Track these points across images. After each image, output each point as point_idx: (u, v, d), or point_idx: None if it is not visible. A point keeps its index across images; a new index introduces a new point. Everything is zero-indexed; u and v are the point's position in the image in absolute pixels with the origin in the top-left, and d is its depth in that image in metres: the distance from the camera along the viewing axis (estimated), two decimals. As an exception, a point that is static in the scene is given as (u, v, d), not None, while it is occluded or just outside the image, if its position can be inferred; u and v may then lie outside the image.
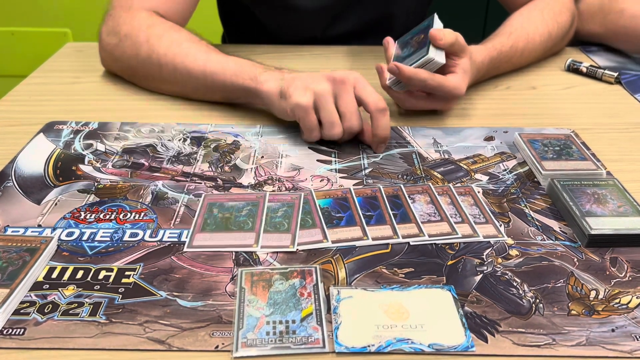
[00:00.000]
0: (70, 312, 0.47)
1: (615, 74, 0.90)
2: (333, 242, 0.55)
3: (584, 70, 0.93)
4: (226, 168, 0.67)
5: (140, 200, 0.61)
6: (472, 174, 0.67)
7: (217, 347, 0.44)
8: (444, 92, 0.74)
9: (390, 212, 0.59)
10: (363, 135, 0.71)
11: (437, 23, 0.76)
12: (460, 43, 0.74)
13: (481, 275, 0.52)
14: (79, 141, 0.72)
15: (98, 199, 0.61)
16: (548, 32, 0.92)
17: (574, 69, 0.94)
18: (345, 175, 0.66)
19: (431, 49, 0.72)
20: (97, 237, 0.55)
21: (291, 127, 0.75)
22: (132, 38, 0.80)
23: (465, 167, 0.68)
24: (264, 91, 0.71)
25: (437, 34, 0.72)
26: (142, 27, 0.80)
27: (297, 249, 0.54)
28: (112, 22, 0.83)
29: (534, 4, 0.94)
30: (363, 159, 0.69)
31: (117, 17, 0.83)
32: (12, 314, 0.46)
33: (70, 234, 0.56)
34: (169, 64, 0.78)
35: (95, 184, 0.64)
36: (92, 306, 0.47)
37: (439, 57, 0.72)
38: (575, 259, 0.54)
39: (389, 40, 0.80)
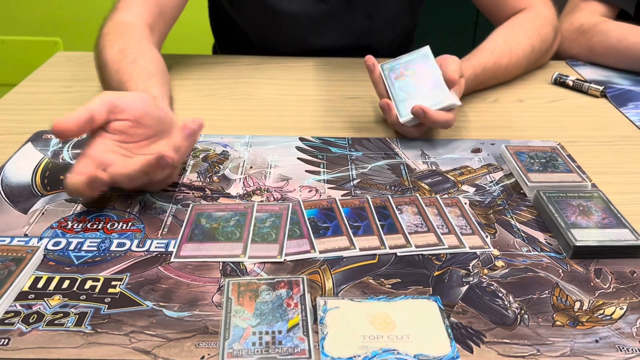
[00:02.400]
0: (56, 322, 0.47)
1: (601, 88, 0.92)
2: (321, 252, 0.55)
3: (570, 83, 0.94)
4: (215, 178, 0.67)
5: (128, 210, 0.61)
6: (459, 185, 0.67)
7: (203, 357, 0.44)
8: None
9: (378, 223, 0.59)
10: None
11: (430, 55, 0.77)
12: (462, 72, 0.77)
13: (467, 286, 0.52)
14: (68, 150, 0.72)
15: (85, 209, 0.61)
16: (531, 45, 0.93)
17: (560, 83, 0.95)
18: (334, 186, 0.66)
19: (450, 93, 0.73)
20: (84, 247, 0.55)
21: (280, 138, 0.76)
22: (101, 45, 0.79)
23: (452, 178, 0.68)
24: None
25: (454, 79, 0.74)
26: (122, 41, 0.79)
27: (285, 260, 0.54)
28: (107, 30, 0.82)
29: (516, 18, 0.96)
30: (351, 170, 0.69)
31: (113, 24, 0.82)
32: (-4, 324, 0.46)
33: (56, 244, 0.55)
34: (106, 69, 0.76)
35: (83, 193, 0.63)
36: (77, 316, 0.47)
37: (457, 101, 0.74)
38: (560, 270, 0.54)
39: (373, 62, 0.78)
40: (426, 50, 0.78)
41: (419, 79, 0.76)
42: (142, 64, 0.73)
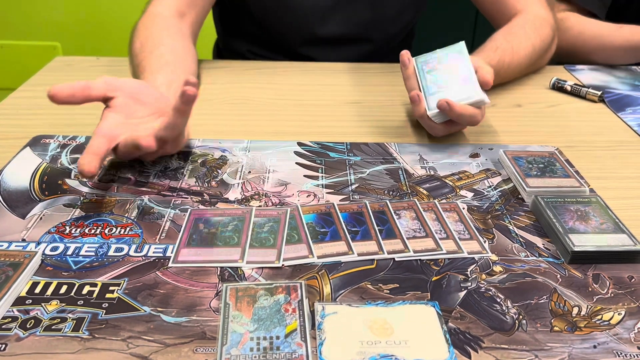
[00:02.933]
0: (53, 327, 0.46)
1: (599, 93, 0.92)
2: (319, 257, 0.55)
3: (569, 88, 0.94)
4: (213, 183, 0.67)
5: (126, 215, 0.61)
6: (457, 190, 0.67)
7: (200, 363, 0.44)
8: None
9: (376, 228, 0.59)
10: None
11: (465, 51, 0.77)
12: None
13: (465, 291, 0.52)
14: (66, 155, 0.72)
15: (84, 214, 0.61)
16: (532, 45, 0.94)
17: (558, 87, 0.95)
18: (332, 190, 0.66)
19: (481, 90, 0.73)
20: (82, 252, 0.55)
21: (279, 143, 0.76)
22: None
23: (450, 183, 0.69)
24: None
25: (488, 81, 0.74)
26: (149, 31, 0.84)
27: (283, 265, 0.54)
28: (138, 25, 0.87)
29: (516, 20, 0.97)
30: (350, 175, 0.69)
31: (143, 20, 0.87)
32: (-7, 330, 0.46)
33: (54, 249, 0.55)
34: (132, 60, 0.83)
35: (81, 198, 0.63)
36: (75, 321, 0.47)
37: (487, 98, 0.74)
38: (559, 276, 0.54)
39: (408, 56, 0.78)
40: (462, 46, 0.78)
41: (452, 74, 0.76)
42: (158, 54, 0.78)
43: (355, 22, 1.06)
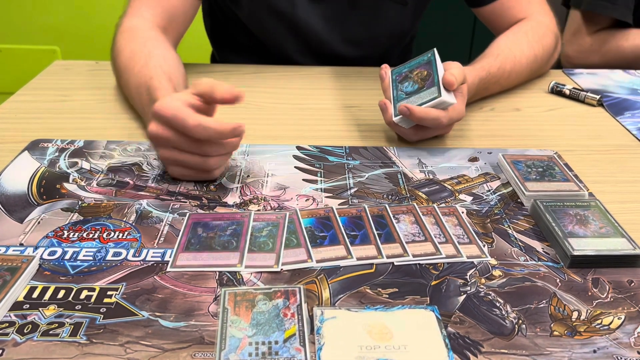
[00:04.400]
0: (51, 332, 0.46)
1: (598, 97, 0.92)
2: (317, 261, 0.55)
3: (567, 92, 0.94)
4: (211, 187, 0.67)
5: (124, 219, 0.61)
6: (457, 194, 0.67)
7: (198, 368, 0.44)
8: (451, 122, 0.76)
9: (375, 232, 0.59)
10: None
11: (437, 58, 0.77)
12: (465, 78, 0.76)
13: (464, 296, 0.52)
14: (64, 159, 0.71)
15: (82, 218, 0.61)
16: (534, 54, 0.93)
17: (557, 91, 0.95)
18: (331, 194, 0.66)
19: (442, 90, 0.73)
20: (80, 257, 0.55)
21: (278, 147, 0.76)
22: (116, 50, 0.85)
23: (449, 187, 0.68)
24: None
25: (450, 81, 0.72)
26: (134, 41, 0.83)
27: (282, 269, 0.54)
28: (117, 38, 0.86)
29: (518, 27, 0.96)
30: (349, 179, 0.69)
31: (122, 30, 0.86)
32: (-10, 335, 0.46)
33: (52, 253, 0.55)
34: (122, 76, 0.82)
35: (80, 202, 0.63)
36: (72, 326, 0.47)
37: (450, 98, 0.73)
38: (558, 280, 0.54)
39: (385, 70, 0.80)
40: (433, 52, 0.78)
41: (419, 80, 0.76)
42: (154, 65, 0.76)
43: (351, 40, 1.04)
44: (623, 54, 1.14)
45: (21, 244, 0.56)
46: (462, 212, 0.63)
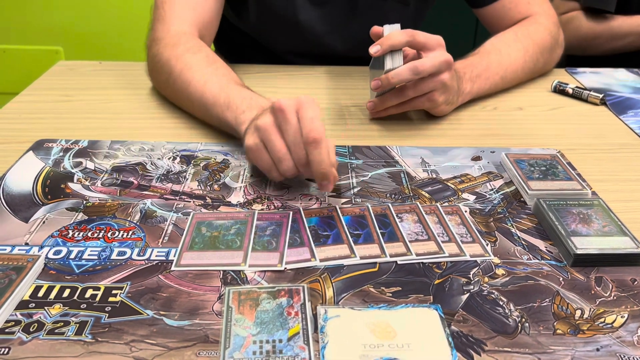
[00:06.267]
0: (56, 331, 0.47)
1: (601, 96, 0.92)
2: (321, 260, 0.55)
3: (570, 91, 0.94)
4: (215, 186, 0.67)
5: (129, 219, 0.61)
6: (460, 193, 0.67)
7: (203, 366, 0.44)
8: (434, 63, 0.75)
9: (378, 231, 0.59)
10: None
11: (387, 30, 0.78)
12: (416, 39, 0.76)
13: (468, 295, 0.52)
14: (69, 159, 0.72)
15: (86, 217, 0.61)
16: (523, 47, 0.94)
17: (560, 90, 0.95)
18: (334, 194, 0.66)
19: (387, 60, 0.75)
20: (85, 256, 0.55)
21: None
22: (160, 61, 0.84)
23: (452, 186, 0.69)
24: (241, 134, 0.68)
25: (371, 48, 0.75)
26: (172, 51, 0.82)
27: (285, 268, 0.54)
28: (154, 47, 0.86)
29: (517, 28, 0.97)
30: (352, 178, 0.70)
31: (156, 37, 0.86)
32: (-4, 333, 0.46)
33: (57, 252, 0.55)
34: (182, 91, 0.80)
35: (84, 202, 0.64)
36: (78, 325, 0.47)
37: (396, 62, 0.75)
38: (561, 278, 0.54)
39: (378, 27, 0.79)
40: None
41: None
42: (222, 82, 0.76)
43: (353, 42, 1.04)
44: (593, 33, 1.15)
45: (26, 244, 0.57)
46: (465, 211, 0.64)
